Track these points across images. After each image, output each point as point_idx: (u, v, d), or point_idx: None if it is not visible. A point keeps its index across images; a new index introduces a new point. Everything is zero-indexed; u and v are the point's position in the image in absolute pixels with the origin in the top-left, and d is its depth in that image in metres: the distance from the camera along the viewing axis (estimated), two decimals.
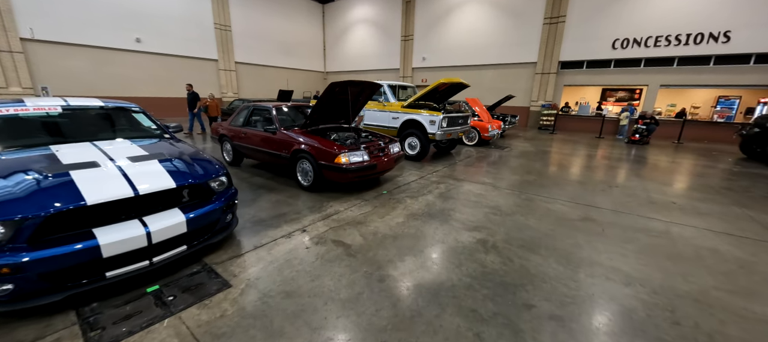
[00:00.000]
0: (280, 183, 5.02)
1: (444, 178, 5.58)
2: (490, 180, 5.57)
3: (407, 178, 5.59)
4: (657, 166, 7.28)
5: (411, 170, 6.17)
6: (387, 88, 7.41)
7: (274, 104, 5.34)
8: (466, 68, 17.46)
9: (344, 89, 4.48)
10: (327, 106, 4.79)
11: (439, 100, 7.98)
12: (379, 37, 21.15)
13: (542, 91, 15.52)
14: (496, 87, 16.70)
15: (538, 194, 4.79)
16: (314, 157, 4.32)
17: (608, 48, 13.72)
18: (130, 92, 15.36)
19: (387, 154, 4.78)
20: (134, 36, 15.09)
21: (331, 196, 4.43)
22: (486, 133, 9.20)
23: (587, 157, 8.21)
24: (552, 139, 11.70)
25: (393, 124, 7.25)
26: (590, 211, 4.13)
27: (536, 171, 6.40)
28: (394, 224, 3.50)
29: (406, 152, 7.09)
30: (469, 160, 7.42)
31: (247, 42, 19.60)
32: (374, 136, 5.30)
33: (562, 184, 5.45)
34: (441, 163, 6.96)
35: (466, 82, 6.98)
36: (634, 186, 5.43)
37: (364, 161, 4.31)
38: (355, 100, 5.13)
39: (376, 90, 5.15)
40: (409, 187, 4.98)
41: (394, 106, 7.21)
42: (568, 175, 6.10)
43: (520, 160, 7.54)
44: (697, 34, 12.06)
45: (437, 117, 6.46)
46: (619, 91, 16.10)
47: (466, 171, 6.24)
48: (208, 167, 2.76)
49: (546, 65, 15.13)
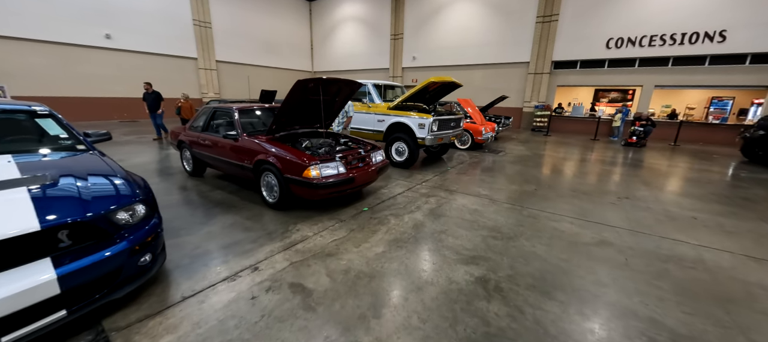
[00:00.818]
0: (243, 198, 4.28)
1: (434, 190, 4.93)
2: (486, 191, 4.94)
3: (393, 189, 4.91)
4: (661, 171, 6.79)
5: (398, 180, 5.50)
6: (371, 87, 6.73)
7: (238, 105, 4.60)
8: (457, 68, 16.93)
9: (316, 88, 3.78)
10: (297, 108, 4.08)
11: (430, 101, 7.34)
12: (368, 35, 20.47)
13: (535, 92, 15.08)
14: (489, 87, 16.21)
15: (542, 209, 4.17)
16: (279, 169, 3.60)
17: (602, 47, 13.35)
18: (100, 92, 14.33)
19: (368, 164, 4.10)
20: (103, 32, 14.03)
21: (300, 215, 3.72)
22: (479, 137, 8.61)
23: (586, 161, 7.69)
24: (546, 142, 11.21)
25: (378, 127, 6.57)
26: (604, 231, 3.53)
27: (535, 179, 5.81)
28: (372, 256, 2.81)
29: (393, 159, 6.43)
30: (462, 166, 6.79)
31: (228, 40, 18.65)
32: (355, 143, 4.62)
33: (566, 195, 4.86)
34: (431, 170, 6.32)
35: (458, 82, 6.37)
36: (645, 197, 4.88)
37: (340, 174, 3.61)
38: (331, 100, 4.43)
39: (355, 89, 4.46)
40: (395, 202, 4.30)
41: (379, 108, 6.53)
42: (571, 184, 5.52)
43: (517, 166, 6.95)
44: (693, 34, 11.75)
45: (427, 120, 5.81)
46: (611, 91, 15.84)
47: (459, 180, 5.61)
48: (114, 193, 2.02)
49: (539, 65, 14.70)
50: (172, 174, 5.48)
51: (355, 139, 4.75)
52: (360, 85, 4.43)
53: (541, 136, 12.89)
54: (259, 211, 3.82)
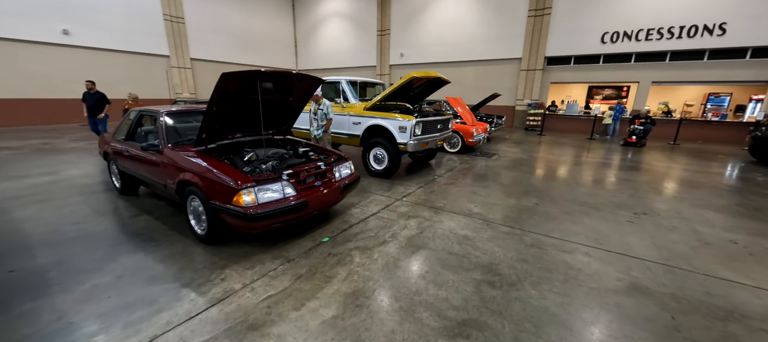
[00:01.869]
0: (172, 227, 3.34)
1: (417, 207, 4.08)
2: (478, 207, 4.11)
3: (367, 207, 4.04)
4: (669, 175, 6.09)
5: (375, 193, 4.63)
6: (346, 85, 5.84)
7: (166, 108, 3.65)
8: (447, 65, 16.13)
9: (253, 85, 2.87)
10: (236, 110, 3.16)
11: (415, 99, 6.49)
12: (354, 31, 19.53)
13: (528, 89, 14.39)
14: (480, 85, 15.47)
15: (547, 233, 3.36)
16: (204, 193, 2.70)
17: (597, 42, 12.71)
18: (57, 93, 13.07)
19: (330, 182, 3.21)
20: (60, 27, 12.77)
21: (234, 253, 2.82)
22: (470, 139, 7.81)
23: (587, 164, 6.96)
24: (541, 142, 10.49)
25: (354, 130, 5.69)
26: (632, 267, 2.72)
27: (534, 189, 5.02)
28: (315, 328, 1.93)
29: (372, 167, 5.55)
30: (452, 173, 5.96)
31: (204, 36, 17.48)
32: (317, 153, 3.73)
33: (573, 211, 4.07)
34: (416, 179, 5.47)
35: (444, 78, 5.53)
36: (665, 211, 4.12)
37: (286, 199, 2.73)
38: (282, 100, 3.53)
39: (314, 87, 3.57)
40: (366, 227, 3.43)
41: (355, 108, 5.65)
42: (576, 195, 4.74)
43: (512, 172, 6.16)
44: (691, 27, 11.19)
45: (409, 122, 4.95)
46: (606, 88, 15.28)
47: (448, 192, 4.77)
48: None
49: (532, 61, 14.01)
50: (99, 192, 4.50)
51: (321, 148, 3.85)
52: (319, 82, 3.54)
53: (535, 136, 12.18)
54: (184, 248, 2.90)
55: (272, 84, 3.14)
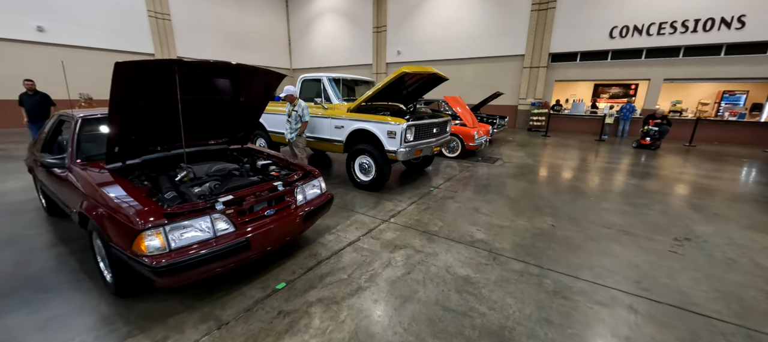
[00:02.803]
0: (84, 267, 2.58)
1: (407, 233, 3.31)
2: (482, 232, 3.34)
3: (345, 232, 3.28)
4: (701, 185, 5.32)
5: (358, 212, 3.87)
6: (327, 83, 5.07)
7: (86, 111, 2.88)
8: (446, 63, 15.35)
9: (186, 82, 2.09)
10: (163, 114, 2.39)
11: (409, 99, 5.72)
12: (350, 28, 18.75)
13: (531, 88, 13.62)
14: (480, 83, 14.69)
15: (573, 272, 2.60)
16: (100, 231, 1.93)
17: (605, 37, 11.94)
18: None
19: (287, 209, 2.44)
20: (34, 23, 11.99)
21: (151, 309, 2.05)
22: (471, 143, 7.04)
23: (601, 171, 6.19)
24: (547, 144, 9.72)
25: (336, 135, 4.92)
26: (696, 328, 1.96)
27: (548, 204, 4.25)
28: None
29: (357, 178, 4.79)
30: (450, 184, 5.19)
31: (192, 33, 16.70)
32: (280, 167, 2.97)
33: (600, 236, 3.30)
34: (408, 191, 4.70)
35: (441, 74, 4.76)
36: (712, 236, 3.35)
37: (219, 239, 1.96)
38: (229, 101, 2.76)
39: (272, 84, 2.79)
40: (338, 266, 2.66)
41: (337, 110, 4.88)
42: (599, 213, 3.97)
43: (520, 181, 5.39)
44: (707, 20, 10.41)
45: (398, 126, 4.18)
46: (612, 86, 14.52)
47: (445, 209, 4.00)
48: None
49: (535, 58, 13.23)
50: (25, 212, 3.73)
51: (284, 161, 3.08)
52: (278, 78, 2.76)
53: (539, 137, 11.41)
54: (83, 302, 2.13)
55: (209, 80, 2.37)
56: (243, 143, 3.24)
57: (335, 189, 4.81)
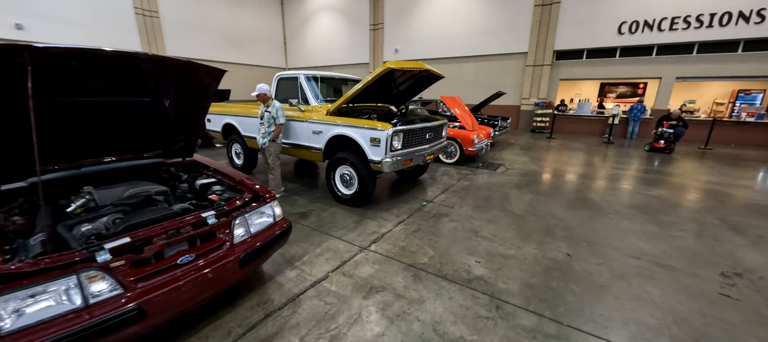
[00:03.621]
0: None
1: (388, 267, 2.67)
2: (482, 265, 2.70)
3: (312, 266, 2.64)
4: (730, 197, 4.66)
5: (334, 234, 3.23)
6: (304, 81, 4.43)
7: None
8: (445, 61, 14.70)
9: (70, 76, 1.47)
10: (47, 121, 1.77)
11: (401, 99, 5.08)
12: (346, 26, 18.13)
13: (535, 87, 12.95)
14: (481, 83, 14.04)
15: (601, 330, 1.96)
16: None
17: (613, 33, 11.26)
18: None
19: (215, 253, 1.80)
20: (12, 20, 11.42)
21: None
22: (471, 147, 6.39)
23: (616, 179, 5.53)
24: (552, 147, 9.06)
25: (314, 142, 4.28)
26: None
27: (560, 222, 3.61)
28: None
29: (338, 192, 4.15)
30: (446, 197, 4.55)
31: (182, 32, 16.11)
32: (224, 187, 2.34)
33: (628, 270, 2.66)
34: (397, 207, 4.07)
35: (435, 71, 4.12)
36: (763, 269, 2.71)
37: (93, 308, 1.33)
38: (153, 104, 2.13)
39: (209, 83, 2.16)
40: (293, 319, 2.02)
41: (314, 113, 4.24)
42: (622, 235, 3.33)
43: (525, 192, 4.74)
44: (724, 14, 9.72)
45: (383, 132, 3.53)
46: (619, 85, 13.84)
47: (438, 232, 3.36)
48: None
49: (538, 56, 12.56)
50: None
51: (232, 177, 2.44)
52: (217, 74, 2.14)
53: (543, 140, 10.75)
54: None
55: (108, 76, 1.74)
56: (184, 156, 2.60)
57: (314, 203, 4.18)
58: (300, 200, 4.30)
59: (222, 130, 5.71)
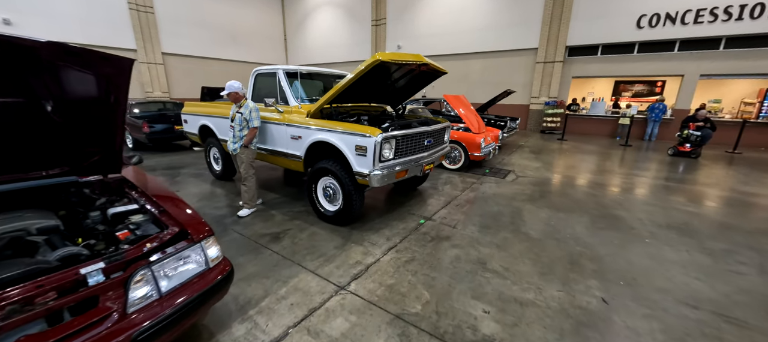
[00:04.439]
0: None
1: (368, 321, 2.05)
2: (493, 321, 2.06)
3: (266, 317, 2.04)
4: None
5: (306, 267, 2.62)
6: (282, 77, 3.81)
7: None
8: (450, 58, 13.99)
9: None
10: None
11: (399, 97, 4.45)
12: (347, 22, 17.50)
13: (545, 85, 12.19)
14: (488, 81, 13.32)
15: None
16: None
17: (631, 27, 10.45)
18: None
19: (93, 331, 1.20)
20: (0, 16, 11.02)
21: None
22: (477, 152, 5.73)
23: (643, 189, 4.84)
24: (565, 150, 8.35)
25: (294, 149, 3.67)
26: None
27: (589, 252, 2.95)
28: None
29: (321, 207, 3.53)
30: (448, 213, 3.91)
31: (178, 28, 15.61)
32: (145, 219, 1.74)
33: (689, 328, 2.00)
34: (389, 226, 3.44)
35: (435, 65, 3.48)
36: None
37: None
38: (37, 106, 1.53)
39: (114, 76, 1.56)
40: None
41: (293, 114, 3.62)
42: (668, 271, 2.66)
43: (541, 208, 4.08)
44: (756, 5, 8.87)
45: (370, 138, 2.90)
46: (636, 83, 13.02)
47: (436, 266, 2.73)
48: None
49: (550, 52, 11.80)
50: None
51: (161, 206, 1.83)
52: (119, 62, 1.53)
53: (555, 141, 10.02)
54: None
55: None
56: (105, 172, 2.00)
57: (293, 220, 3.57)
58: (277, 216, 3.70)
59: (199, 133, 5.13)
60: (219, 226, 3.42)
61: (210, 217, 3.67)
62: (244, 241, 3.09)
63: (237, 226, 3.42)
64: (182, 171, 5.69)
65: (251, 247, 2.95)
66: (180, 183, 5.00)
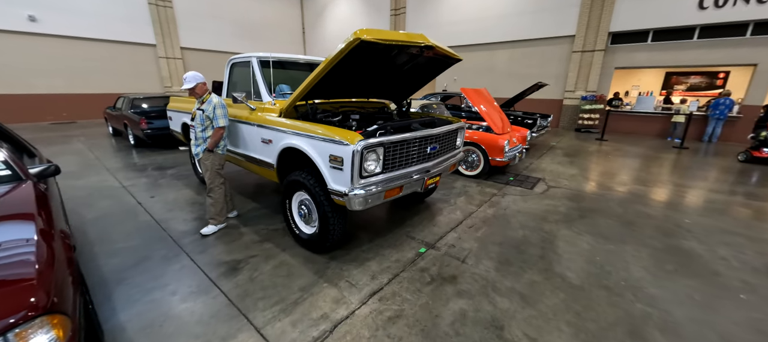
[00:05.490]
0: None
1: None
2: None
3: None
4: None
5: (253, 321, 1.94)
6: (256, 67, 3.13)
7: None
8: (474, 48, 12.87)
9: None
10: None
11: (405, 90, 3.66)
12: (366, 11, 16.76)
13: (582, 77, 10.82)
14: (515, 72, 12.10)
15: None
16: None
17: (692, 8, 8.88)
18: (24, 88, 11.67)
19: None
20: (25, 13, 11.27)
21: None
22: (500, 156, 4.82)
23: (718, 211, 3.74)
24: (606, 152, 7.15)
25: (265, 155, 3.00)
26: None
27: (658, 313, 2.04)
28: None
29: (296, 229, 2.84)
30: (457, 239, 3.09)
31: (197, 22, 15.57)
32: None
33: None
34: (378, 256, 2.69)
35: (446, 49, 2.66)
36: None
37: None
38: None
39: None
40: None
41: (265, 113, 2.94)
42: None
43: (581, 233, 3.15)
44: None
45: (347, 147, 2.15)
46: (691, 75, 11.27)
47: (432, 331, 1.95)
48: None
49: (589, 39, 10.40)
50: None
51: None
52: None
53: (593, 142, 8.76)
54: None
55: None
56: None
57: (263, 243, 2.92)
58: (247, 236, 3.06)
59: (182, 131, 4.62)
60: (172, 248, 2.82)
61: (173, 231, 3.10)
62: (193, 272, 2.47)
63: (195, 248, 2.82)
64: (169, 172, 5.24)
65: (197, 283, 2.32)
66: (161, 186, 4.52)
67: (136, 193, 4.22)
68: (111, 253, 2.74)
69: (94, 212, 3.60)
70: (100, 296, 2.16)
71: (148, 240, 2.97)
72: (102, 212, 3.61)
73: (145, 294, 2.19)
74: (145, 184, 4.63)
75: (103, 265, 2.56)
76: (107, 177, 4.94)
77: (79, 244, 2.87)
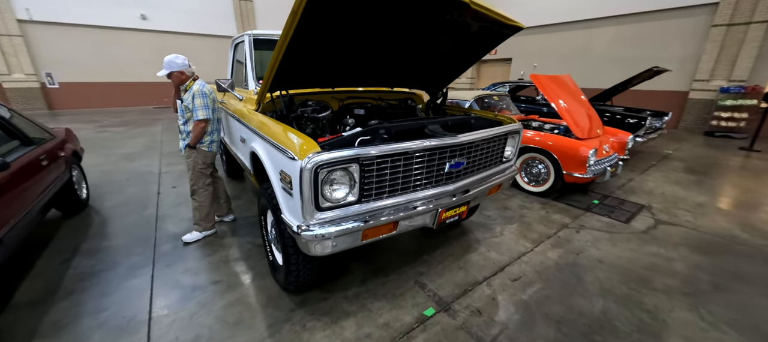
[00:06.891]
0: None
1: None
2: None
3: None
4: None
5: None
6: (247, 47, 2.57)
7: None
8: (565, 27, 10.63)
9: None
10: None
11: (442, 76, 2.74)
12: None
13: (725, 62, 7.89)
14: (620, 56, 9.56)
15: None
16: None
17: None
18: (131, 77, 13.90)
19: None
20: (138, 12, 13.29)
21: None
22: (580, 172, 3.46)
23: None
24: (759, 171, 4.86)
25: (244, 156, 2.45)
26: None
27: None
28: None
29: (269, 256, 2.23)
30: (485, 300, 2.09)
31: (272, 14, 16.50)
32: None
33: None
34: (360, 313, 1.89)
35: (489, 8, 1.66)
36: None
37: None
38: None
39: None
40: None
41: (247, 106, 2.36)
42: None
43: (716, 326, 1.83)
44: None
45: (295, 163, 1.38)
46: None
47: None
48: None
49: (743, 8, 7.46)
50: None
51: None
52: None
53: (734, 152, 6.22)
54: None
55: None
56: None
57: (239, 263, 2.40)
58: (227, 249, 2.58)
59: None
60: (147, 255, 2.50)
61: (162, 232, 2.82)
62: (141, 295, 2.06)
63: (168, 259, 2.45)
64: None
65: (132, 314, 1.88)
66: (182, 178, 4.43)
67: (163, 182, 4.20)
68: (91, 252, 2.55)
69: (115, 200, 3.61)
70: (34, 315, 1.88)
71: (133, 241, 2.73)
72: (122, 200, 3.60)
73: (73, 321, 1.83)
74: (179, 171, 4.64)
75: (73, 267, 2.35)
76: (154, 162, 5.15)
77: (80, 238, 2.78)
